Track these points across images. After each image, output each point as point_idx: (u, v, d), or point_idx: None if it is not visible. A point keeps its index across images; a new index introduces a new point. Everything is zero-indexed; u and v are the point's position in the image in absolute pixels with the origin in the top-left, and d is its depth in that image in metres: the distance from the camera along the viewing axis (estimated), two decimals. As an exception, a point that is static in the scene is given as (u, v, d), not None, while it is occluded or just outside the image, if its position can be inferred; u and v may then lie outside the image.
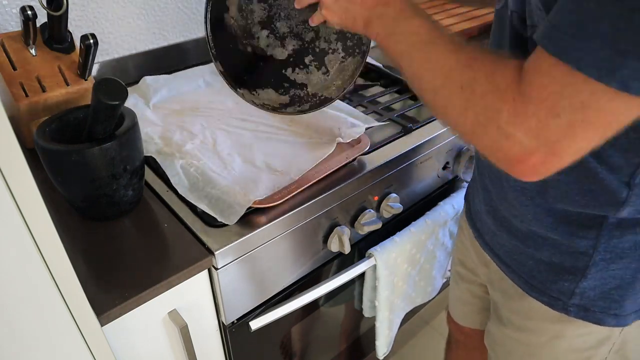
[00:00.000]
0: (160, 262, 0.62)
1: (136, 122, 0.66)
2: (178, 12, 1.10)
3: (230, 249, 0.65)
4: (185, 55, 1.15)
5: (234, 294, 0.71)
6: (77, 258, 0.63)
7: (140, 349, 0.66)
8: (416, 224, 0.92)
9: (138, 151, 0.67)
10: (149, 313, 0.63)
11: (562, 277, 0.61)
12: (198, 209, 0.69)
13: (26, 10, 0.69)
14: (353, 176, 0.77)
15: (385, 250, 0.86)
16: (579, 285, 0.60)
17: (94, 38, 0.72)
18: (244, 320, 0.76)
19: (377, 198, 0.86)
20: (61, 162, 0.61)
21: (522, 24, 0.53)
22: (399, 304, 1.00)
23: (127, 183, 0.66)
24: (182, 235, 0.66)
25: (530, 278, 0.66)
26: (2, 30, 0.88)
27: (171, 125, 0.86)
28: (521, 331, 0.72)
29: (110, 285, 0.59)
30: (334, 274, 0.83)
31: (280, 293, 0.80)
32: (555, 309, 0.64)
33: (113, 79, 0.60)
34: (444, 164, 0.99)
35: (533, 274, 0.65)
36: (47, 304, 0.46)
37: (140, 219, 0.70)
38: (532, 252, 0.64)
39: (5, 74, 0.75)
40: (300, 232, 0.75)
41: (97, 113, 0.61)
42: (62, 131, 0.67)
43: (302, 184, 0.73)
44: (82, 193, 0.65)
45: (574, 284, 0.60)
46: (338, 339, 1.11)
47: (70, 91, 0.78)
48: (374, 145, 0.84)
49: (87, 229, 0.68)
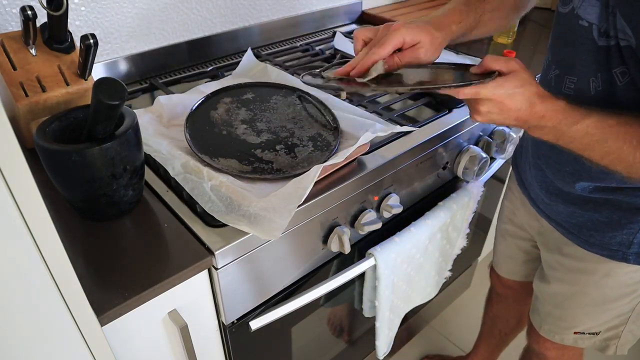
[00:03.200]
0: (160, 262, 0.62)
1: (136, 122, 0.66)
2: (178, 12, 1.10)
3: (230, 249, 0.65)
4: (185, 55, 1.15)
5: (234, 294, 0.71)
6: (77, 258, 0.63)
7: (140, 348, 0.66)
8: (416, 224, 0.92)
9: (138, 151, 0.67)
10: (149, 313, 0.63)
11: (621, 231, 0.71)
12: (198, 209, 0.69)
13: (26, 10, 0.69)
14: (353, 176, 0.77)
15: (385, 250, 0.86)
16: (636, 235, 0.70)
17: (94, 38, 0.72)
18: (244, 320, 0.76)
19: (377, 198, 0.86)
20: (61, 162, 0.61)
21: (602, 36, 0.61)
22: (399, 304, 1.01)
23: (127, 183, 0.66)
24: (182, 235, 0.66)
25: (589, 237, 0.76)
26: (2, 30, 0.88)
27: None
28: (573, 273, 0.82)
29: (110, 285, 0.59)
30: (334, 274, 0.83)
31: (280, 293, 0.80)
32: (615, 260, 0.74)
33: (113, 79, 0.60)
34: (444, 164, 0.99)
35: (591, 233, 0.75)
36: (47, 304, 0.46)
37: (140, 219, 0.70)
38: (590, 214, 0.74)
39: (5, 74, 0.75)
40: (300, 232, 0.75)
41: (97, 113, 0.61)
42: (62, 131, 0.67)
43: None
44: (82, 193, 0.65)
45: (632, 235, 0.70)
46: (338, 339, 1.11)
47: (70, 91, 0.78)
48: (374, 146, 0.84)
49: (87, 229, 0.68)
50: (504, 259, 1.08)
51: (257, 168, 0.75)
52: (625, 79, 0.61)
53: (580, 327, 0.86)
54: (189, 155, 0.75)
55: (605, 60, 0.62)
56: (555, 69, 0.72)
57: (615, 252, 0.73)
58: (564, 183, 0.75)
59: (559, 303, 0.87)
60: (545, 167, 0.78)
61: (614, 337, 0.84)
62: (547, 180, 0.78)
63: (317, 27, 1.41)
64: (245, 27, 1.24)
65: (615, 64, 0.61)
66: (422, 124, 0.92)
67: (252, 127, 0.84)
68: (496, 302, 1.23)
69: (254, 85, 0.94)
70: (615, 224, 0.71)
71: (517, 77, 0.58)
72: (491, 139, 1.06)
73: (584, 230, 0.76)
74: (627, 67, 0.60)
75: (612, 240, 0.73)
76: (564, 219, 0.79)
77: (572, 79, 0.68)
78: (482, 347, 1.35)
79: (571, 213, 0.77)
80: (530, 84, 0.59)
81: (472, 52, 1.27)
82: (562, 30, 0.69)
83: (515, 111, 0.59)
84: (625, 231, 0.71)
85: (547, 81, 0.74)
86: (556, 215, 0.80)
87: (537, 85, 0.60)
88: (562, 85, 0.70)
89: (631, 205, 0.69)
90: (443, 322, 1.62)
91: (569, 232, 0.79)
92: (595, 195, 0.72)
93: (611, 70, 0.62)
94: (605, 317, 0.82)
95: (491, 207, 1.36)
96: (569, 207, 0.77)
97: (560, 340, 0.90)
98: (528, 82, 0.59)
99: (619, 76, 0.62)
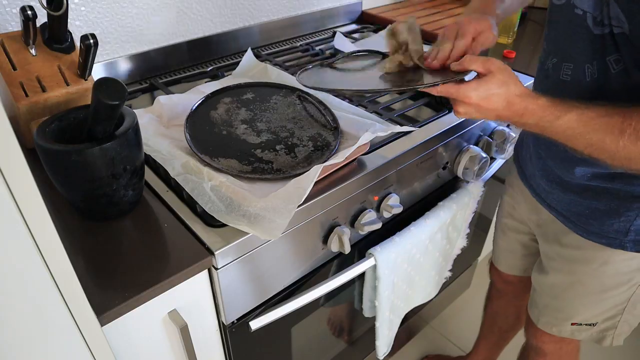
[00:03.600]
0: (160, 262, 0.62)
1: (136, 122, 0.66)
2: (178, 12, 1.10)
3: (230, 249, 0.65)
4: (185, 55, 1.15)
5: (234, 294, 0.71)
6: (77, 258, 0.63)
7: (140, 349, 0.66)
8: (416, 224, 0.92)
9: (138, 151, 0.67)
10: (149, 313, 0.63)
11: (618, 219, 0.72)
12: (198, 209, 0.69)
13: (26, 10, 0.69)
14: (353, 176, 0.77)
15: (385, 250, 0.86)
16: (633, 223, 0.71)
17: (94, 38, 0.72)
18: (244, 320, 0.76)
19: (377, 198, 0.86)
20: (61, 162, 0.61)
21: (597, 24, 0.62)
22: (399, 304, 1.01)
23: (127, 183, 0.66)
24: (182, 235, 0.66)
25: (587, 225, 0.77)
26: (2, 30, 0.88)
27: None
28: (571, 262, 0.83)
29: (110, 285, 0.59)
30: (334, 274, 0.83)
31: (280, 293, 0.80)
32: (613, 247, 0.75)
33: (113, 79, 0.60)
34: (444, 164, 0.99)
35: (590, 221, 0.76)
36: (47, 304, 0.46)
37: (140, 219, 0.70)
38: (588, 202, 0.75)
39: (5, 74, 0.75)
40: (300, 232, 0.75)
41: (97, 113, 0.61)
42: (62, 131, 0.67)
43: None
44: (82, 193, 0.65)
45: (629, 223, 0.71)
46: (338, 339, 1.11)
47: (70, 91, 0.78)
48: (374, 146, 0.84)
49: (87, 229, 0.68)
50: (504, 253, 1.10)
51: (257, 168, 0.75)
52: (619, 67, 0.62)
53: (578, 318, 0.87)
54: (189, 155, 0.75)
55: (600, 48, 0.64)
56: (553, 58, 0.73)
57: (613, 240, 0.74)
58: (564, 170, 0.76)
59: (557, 294, 0.88)
60: (545, 155, 0.79)
61: (610, 328, 0.85)
62: (548, 168, 0.80)
63: (317, 27, 1.41)
64: (245, 27, 1.24)
65: (609, 51, 0.63)
66: (422, 124, 0.92)
67: (252, 127, 0.84)
68: (496, 299, 1.24)
69: (254, 85, 0.94)
70: (613, 212, 0.73)
71: (493, 79, 0.61)
72: (491, 139, 1.06)
73: (582, 218, 0.77)
74: (620, 54, 0.62)
75: (610, 228, 0.74)
76: (564, 207, 0.80)
77: (569, 65, 0.70)
78: (482, 346, 1.36)
79: (571, 201, 0.78)
80: (507, 85, 0.61)
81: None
82: (558, 19, 0.71)
83: (493, 110, 0.63)
84: (623, 219, 0.72)
85: (545, 69, 0.75)
86: (556, 203, 0.82)
87: (517, 84, 0.62)
88: (559, 72, 0.72)
89: (629, 193, 0.70)
90: (443, 322, 1.62)
91: (569, 220, 0.80)
92: (593, 183, 0.73)
93: (605, 57, 0.63)
94: (602, 307, 0.83)
95: (491, 207, 1.36)
96: (568, 195, 0.78)
97: (557, 332, 0.91)
98: (505, 84, 0.61)
99: (612, 64, 0.63)
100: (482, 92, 0.62)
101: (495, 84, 0.61)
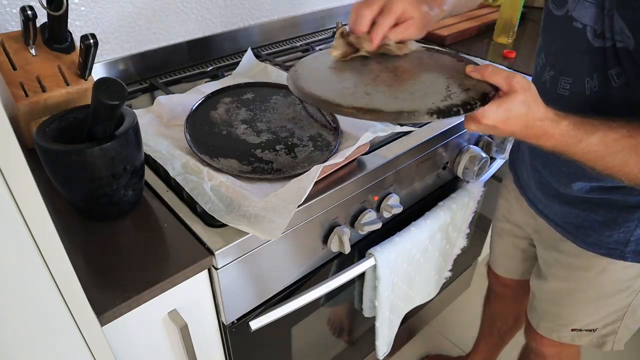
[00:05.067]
0: (160, 262, 0.62)
1: (136, 122, 0.66)
2: (178, 12, 1.10)
3: (230, 249, 0.65)
4: (185, 55, 1.15)
5: (234, 294, 0.71)
6: (77, 258, 0.63)
7: (140, 349, 0.66)
8: (416, 224, 0.92)
9: (138, 151, 0.67)
10: (149, 313, 0.63)
11: (618, 230, 0.71)
12: (198, 209, 0.69)
13: (26, 10, 0.69)
14: (353, 176, 0.77)
15: (385, 250, 0.86)
16: (633, 233, 0.70)
17: (94, 38, 0.72)
18: (244, 320, 0.76)
19: (377, 198, 0.86)
20: (61, 162, 0.61)
21: (597, 37, 0.61)
22: (399, 304, 1.01)
23: (127, 183, 0.66)
24: (182, 235, 0.66)
25: (586, 236, 0.76)
26: (2, 30, 0.88)
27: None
28: (569, 269, 0.82)
29: (110, 285, 0.59)
30: (334, 274, 0.83)
31: (280, 293, 0.80)
32: (613, 258, 0.74)
33: (113, 79, 0.60)
34: (444, 164, 0.99)
35: (588, 232, 0.75)
36: (47, 304, 0.46)
37: (140, 219, 0.70)
38: (587, 214, 0.74)
39: (5, 74, 0.75)
40: (300, 232, 0.75)
41: (97, 113, 0.61)
42: (62, 131, 0.67)
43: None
44: (82, 193, 0.65)
45: (629, 233, 0.71)
46: (338, 339, 1.11)
47: (70, 91, 0.78)
48: (374, 146, 0.84)
49: (87, 229, 0.68)
50: (501, 257, 1.09)
51: (257, 168, 0.75)
52: (621, 80, 0.61)
53: (578, 324, 0.86)
54: (189, 155, 0.75)
55: (601, 62, 0.62)
56: (550, 71, 0.72)
57: (613, 251, 0.74)
58: (561, 184, 0.75)
59: (556, 300, 0.87)
60: (541, 168, 0.78)
61: (610, 333, 0.85)
62: (544, 181, 0.78)
63: (317, 27, 1.41)
64: (245, 27, 1.24)
65: (611, 65, 0.61)
66: (422, 124, 0.92)
67: (252, 127, 0.84)
68: (494, 301, 1.24)
69: (254, 85, 0.94)
70: (612, 222, 0.72)
71: (515, 100, 0.53)
72: (491, 139, 1.06)
73: (581, 230, 0.76)
74: (622, 68, 0.60)
75: (609, 239, 0.73)
76: (561, 219, 0.79)
77: (567, 79, 0.68)
78: (481, 346, 1.36)
79: (568, 213, 0.77)
80: (529, 108, 0.54)
81: (472, 52, 1.27)
82: (556, 32, 0.69)
83: (510, 133, 0.56)
84: (622, 230, 0.71)
85: (542, 82, 0.73)
86: (553, 215, 0.81)
87: (539, 106, 0.55)
88: (557, 86, 0.70)
89: (627, 203, 0.69)
90: (443, 322, 1.62)
91: (567, 231, 0.79)
92: (591, 195, 0.72)
93: (607, 71, 0.62)
94: (601, 313, 0.83)
95: (491, 207, 1.36)
96: (566, 207, 0.77)
97: (557, 337, 0.90)
98: (526, 105, 0.54)
99: (614, 77, 0.62)
100: (501, 114, 0.54)
101: (516, 105, 0.53)
